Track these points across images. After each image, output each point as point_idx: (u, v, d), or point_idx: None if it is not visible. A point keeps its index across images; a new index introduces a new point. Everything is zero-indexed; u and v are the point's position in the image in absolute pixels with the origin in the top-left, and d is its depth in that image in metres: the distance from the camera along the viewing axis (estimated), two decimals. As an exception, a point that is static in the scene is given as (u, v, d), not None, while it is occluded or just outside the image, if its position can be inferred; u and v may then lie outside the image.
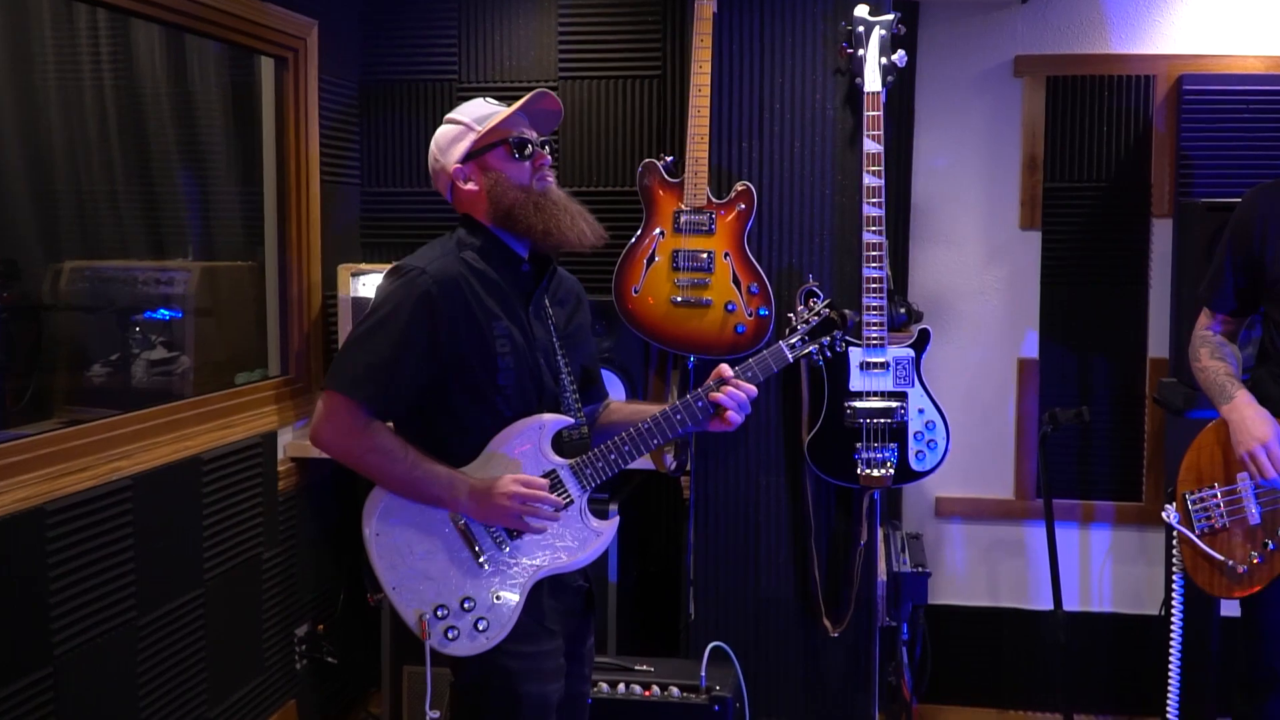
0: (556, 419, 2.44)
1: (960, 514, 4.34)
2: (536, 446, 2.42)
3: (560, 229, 2.42)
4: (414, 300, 2.32)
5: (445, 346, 2.33)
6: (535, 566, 2.40)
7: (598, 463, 2.45)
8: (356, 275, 3.85)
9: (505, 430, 2.40)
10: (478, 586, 2.37)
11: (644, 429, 2.47)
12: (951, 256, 4.27)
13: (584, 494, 2.44)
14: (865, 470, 3.53)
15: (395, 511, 2.37)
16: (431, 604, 2.35)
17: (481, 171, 2.44)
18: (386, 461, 2.34)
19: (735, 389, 2.48)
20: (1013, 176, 4.22)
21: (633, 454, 2.46)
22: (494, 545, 2.39)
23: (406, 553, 2.36)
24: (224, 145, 3.92)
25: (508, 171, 2.43)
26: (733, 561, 3.78)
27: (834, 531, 3.77)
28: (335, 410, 2.33)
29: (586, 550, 2.44)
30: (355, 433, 2.32)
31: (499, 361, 2.37)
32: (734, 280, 3.55)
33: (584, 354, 2.62)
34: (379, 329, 2.33)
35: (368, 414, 2.32)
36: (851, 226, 3.64)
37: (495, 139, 2.44)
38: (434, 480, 2.35)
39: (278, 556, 3.72)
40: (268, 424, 3.71)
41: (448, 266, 2.36)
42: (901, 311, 3.75)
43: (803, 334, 2.61)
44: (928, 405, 3.55)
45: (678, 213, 3.57)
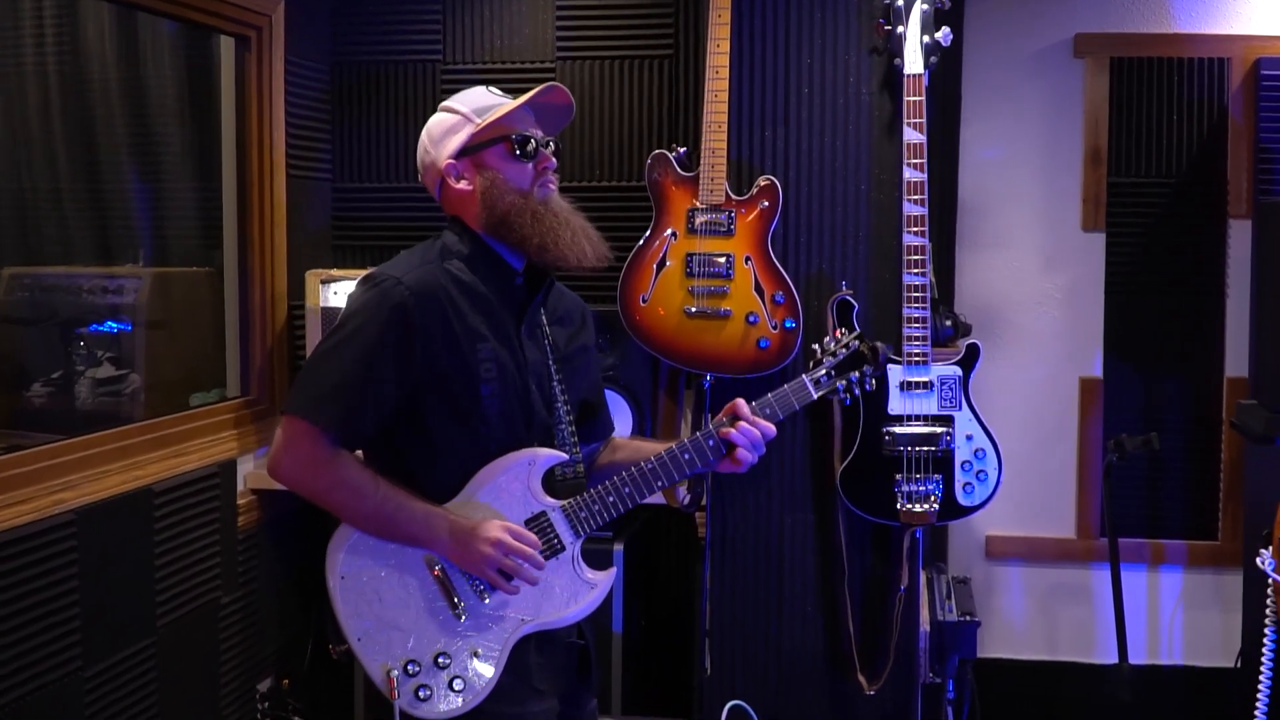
0: (549, 454, 2.45)
1: (1014, 555, 4.38)
2: (525, 485, 2.44)
3: (558, 245, 2.43)
4: (386, 313, 2.33)
5: (421, 366, 2.35)
6: (520, 621, 2.42)
7: (593, 506, 2.46)
8: (327, 283, 3.88)
9: (492, 465, 2.42)
10: (454, 641, 2.39)
11: (647, 469, 2.48)
12: (1004, 262, 4.32)
13: (577, 541, 2.46)
14: (906, 505, 3.58)
15: (364, 551, 2.39)
16: (401, 659, 2.36)
17: (476, 169, 2.46)
18: (353, 498, 2.36)
19: (750, 426, 2.49)
20: (1073, 171, 4.27)
21: (634, 497, 2.47)
22: (474, 595, 2.40)
23: (375, 599, 2.37)
24: (178, 136, 3.96)
25: (506, 172, 2.45)
26: (754, 609, 3.83)
27: (869, 575, 3.81)
28: (296, 438, 2.34)
29: (579, 604, 2.46)
30: (318, 464, 2.34)
31: (483, 387, 2.38)
32: (756, 288, 3.61)
33: (585, 382, 2.64)
34: (346, 345, 2.35)
35: (332, 442, 2.33)
36: (890, 227, 3.69)
37: (495, 134, 2.46)
38: (409, 518, 2.37)
39: (237, 601, 3.76)
40: (226, 451, 3.76)
41: (427, 277, 2.38)
42: (947, 324, 3.79)
43: (829, 367, 2.62)
44: (977, 431, 3.60)
45: (692, 211, 3.63)
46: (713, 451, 2.50)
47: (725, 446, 2.49)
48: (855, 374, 2.62)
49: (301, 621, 4.12)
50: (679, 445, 2.51)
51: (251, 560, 3.84)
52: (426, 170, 2.54)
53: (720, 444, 2.49)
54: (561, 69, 4.26)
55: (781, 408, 2.56)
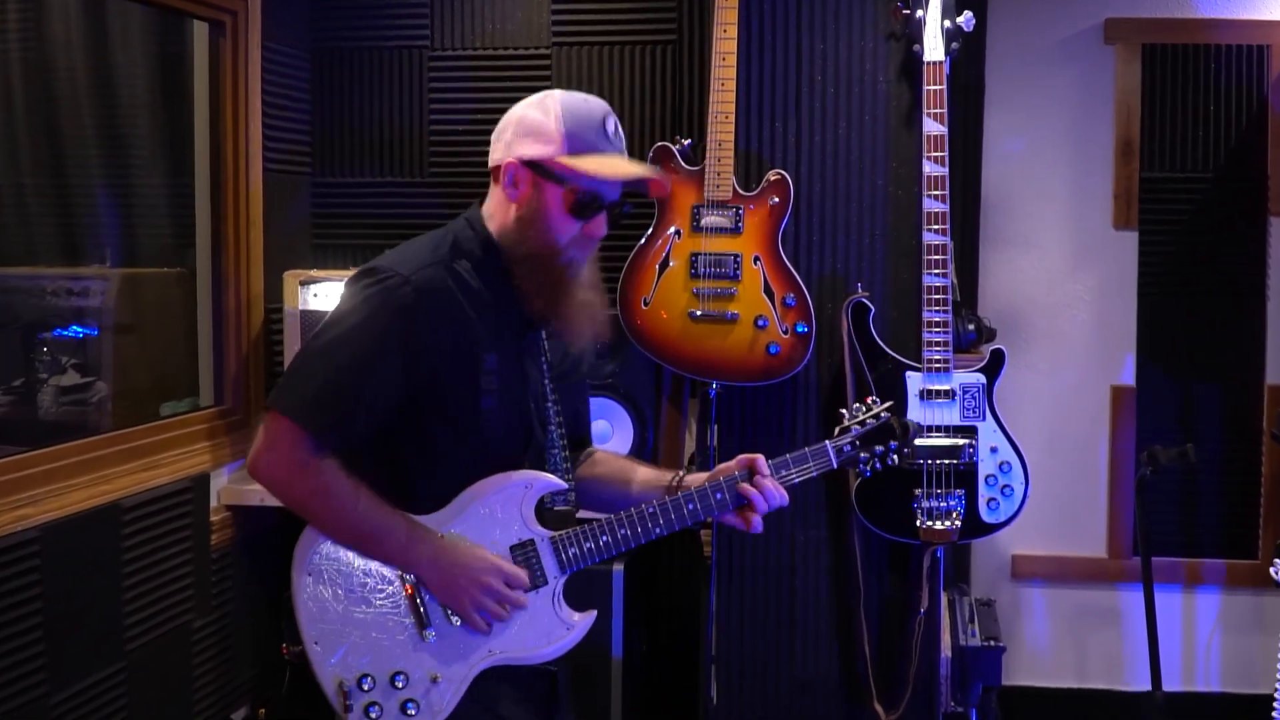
0: (547, 481, 2.47)
1: (1041, 575, 4.40)
2: (518, 509, 2.45)
3: (554, 316, 2.44)
4: (389, 316, 2.33)
5: (422, 373, 2.35)
6: (488, 652, 2.43)
7: (585, 543, 2.46)
8: (306, 284, 3.89)
9: (486, 481, 2.44)
10: (414, 661, 2.40)
11: (648, 513, 2.47)
12: (1030, 261, 4.34)
13: (561, 577, 2.47)
14: (926, 522, 3.60)
15: (337, 554, 2.41)
16: (356, 671, 2.38)
17: (534, 190, 2.41)
18: (332, 509, 2.37)
19: (774, 488, 2.50)
20: (1104, 165, 4.29)
21: (628, 541, 2.47)
22: (444, 618, 2.42)
23: (339, 605, 2.40)
24: (149, 128, 3.97)
25: (553, 215, 2.41)
26: (763, 633, 3.84)
27: (887, 597, 3.82)
28: (279, 437, 2.34)
29: (552, 644, 2.46)
30: (298, 468, 2.34)
31: (484, 400, 2.39)
32: (766, 290, 3.62)
33: (577, 394, 2.65)
34: (342, 344, 2.34)
35: (316, 447, 2.34)
36: (909, 224, 3.71)
37: (568, 176, 2.39)
38: (388, 536, 2.38)
39: (211, 625, 3.78)
40: (199, 464, 3.78)
41: (435, 277, 2.37)
42: (970, 328, 3.80)
43: (856, 437, 2.61)
44: (1002, 443, 3.62)
45: (697, 208, 3.64)
46: (719, 506, 2.51)
47: (735, 501, 2.50)
48: (881, 448, 2.62)
49: (279, 647, 4.13)
50: (685, 495, 2.50)
51: (225, 581, 3.86)
52: (495, 144, 2.48)
53: (729, 499, 2.50)
54: (557, 56, 4.28)
55: (798, 472, 2.56)
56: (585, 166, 2.37)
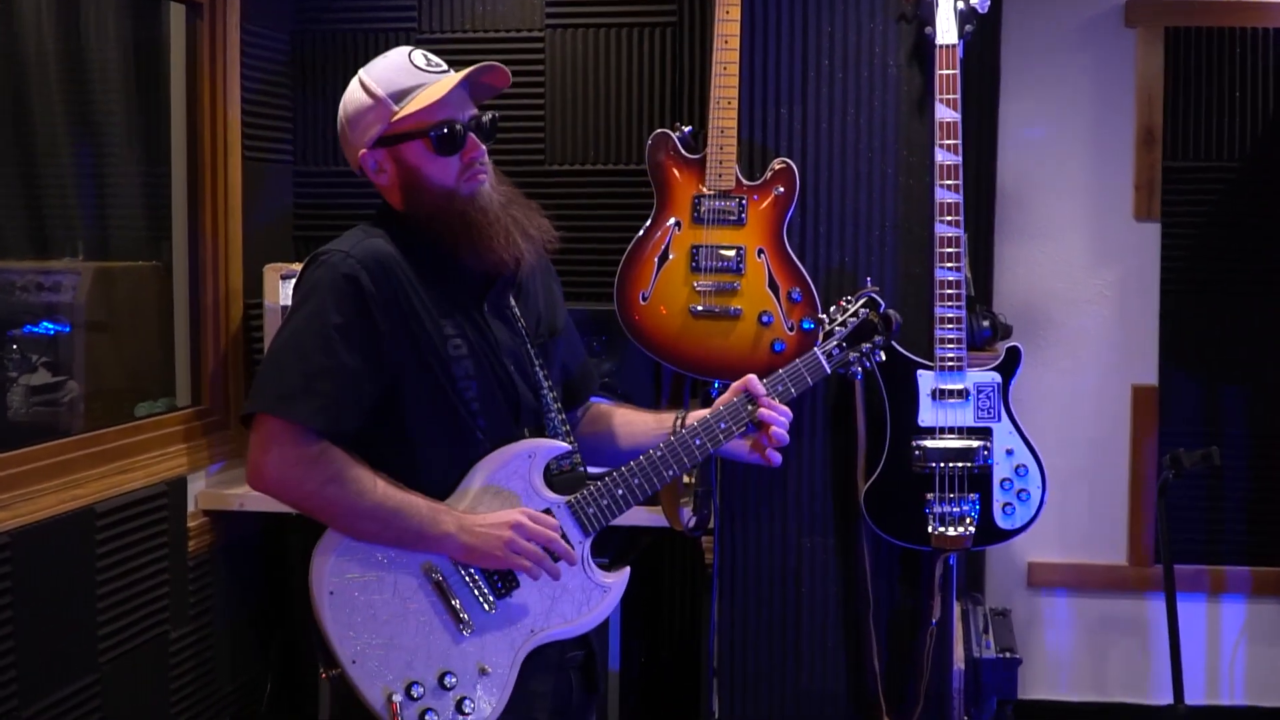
0: (550, 446, 2.51)
1: (1059, 584, 4.40)
2: (527, 480, 2.48)
3: (493, 249, 2.46)
4: (340, 286, 2.36)
5: (389, 341, 2.38)
6: (530, 631, 2.46)
7: (601, 500, 2.51)
8: (288, 278, 3.89)
9: (487, 459, 2.46)
10: (460, 656, 2.41)
11: (656, 457, 2.53)
12: (1048, 255, 4.35)
13: (586, 540, 2.50)
14: (938, 528, 3.60)
15: (353, 564, 2.41)
16: (403, 680, 2.38)
17: (395, 164, 2.48)
18: (351, 493, 2.36)
19: (776, 413, 2.58)
20: (1125, 153, 4.30)
21: (644, 489, 2.53)
22: (478, 605, 2.43)
23: (369, 616, 2.39)
24: (122, 115, 3.97)
25: (427, 170, 2.46)
26: (767, 645, 3.84)
27: (897, 607, 3.83)
28: (274, 437, 2.35)
29: (591, 611, 2.50)
30: (307, 461, 2.34)
31: (455, 368, 2.42)
32: (770, 284, 3.63)
33: (563, 350, 2.68)
34: (305, 328, 2.36)
35: (316, 436, 2.35)
36: (920, 216, 3.72)
37: (414, 127, 2.46)
38: (412, 511, 2.38)
39: (189, 635, 3.79)
40: (175, 468, 3.79)
41: (376, 249, 2.41)
42: (985, 325, 3.81)
43: (841, 338, 2.69)
44: (1018, 445, 3.62)
45: (698, 198, 3.65)
46: (725, 435, 2.58)
47: (741, 428, 2.58)
48: (867, 345, 2.72)
49: (259, 658, 4.14)
50: (688, 429, 2.57)
51: (204, 590, 3.87)
52: (345, 149, 2.56)
53: (734, 427, 2.58)
54: (551, 39, 4.29)
55: (794, 383, 2.66)
56: (415, 106, 2.45)
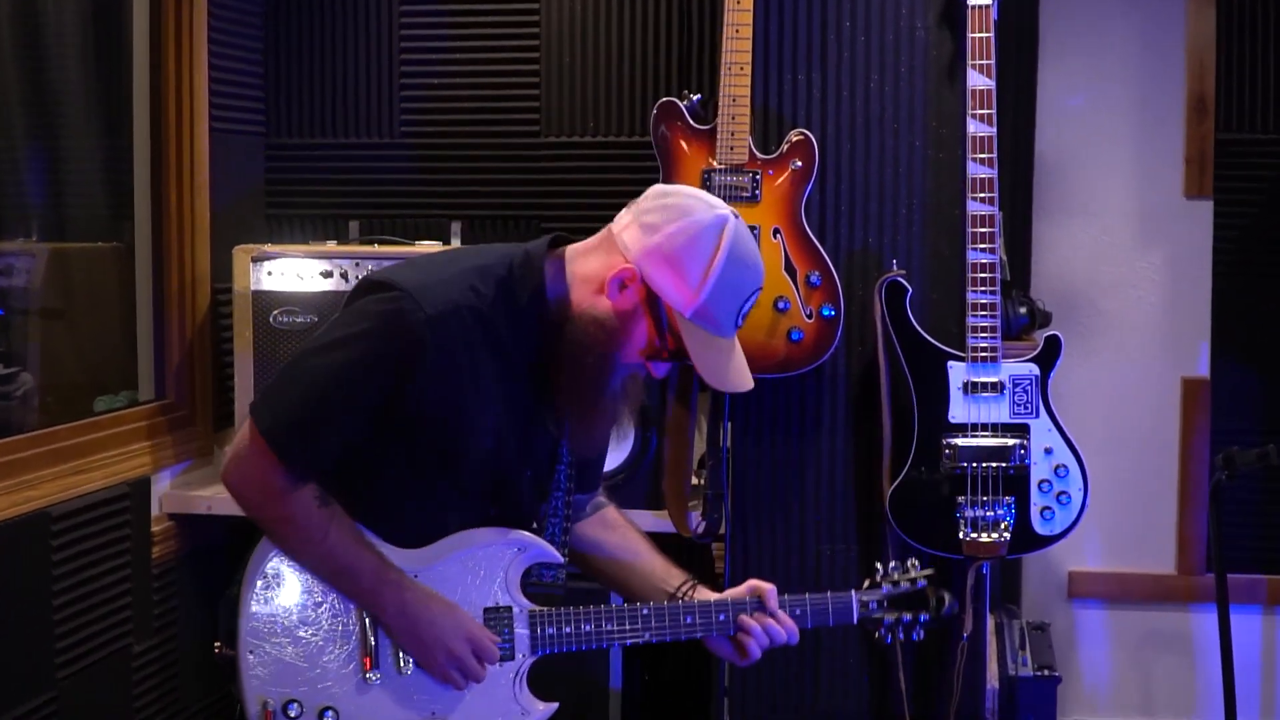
0: (542, 550, 2.58)
1: (1102, 595, 4.41)
2: (504, 570, 2.55)
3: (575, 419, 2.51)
4: (394, 344, 2.37)
5: (410, 407, 2.43)
6: (430, 713, 2.53)
7: (564, 627, 2.56)
8: (259, 260, 3.89)
9: (477, 532, 2.54)
10: (350, 702, 2.48)
11: (641, 614, 2.60)
12: (1090, 235, 4.35)
13: (530, 658, 2.56)
14: (970, 535, 3.60)
15: None
16: (282, 695, 2.47)
17: (634, 306, 2.43)
18: (296, 539, 2.49)
19: (777, 625, 2.65)
20: (1174, 124, 4.30)
21: (612, 637, 2.58)
22: (393, 664, 2.51)
23: (288, 618, 2.49)
24: (79, 82, 3.97)
25: (634, 339, 2.44)
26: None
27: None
28: (252, 456, 2.45)
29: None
30: (270, 492, 2.45)
31: (472, 457, 2.49)
32: (787, 267, 3.63)
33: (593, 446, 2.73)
34: (332, 367, 2.41)
35: (290, 479, 2.44)
36: (951, 192, 3.71)
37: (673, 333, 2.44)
38: (356, 576, 2.48)
39: (153, 650, 3.79)
40: (138, 467, 3.79)
41: (461, 321, 2.38)
42: (1022, 312, 3.82)
43: (885, 596, 2.74)
44: (1058, 443, 3.62)
45: (708, 173, 3.65)
46: (720, 627, 2.65)
47: (735, 628, 2.64)
48: (909, 616, 2.74)
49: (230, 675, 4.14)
50: (684, 606, 2.63)
51: (169, 600, 3.87)
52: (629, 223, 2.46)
53: (730, 624, 2.64)
54: (547, 2, 4.28)
55: (814, 616, 2.71)
56: (693, 343, 2.42)
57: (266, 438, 2.42)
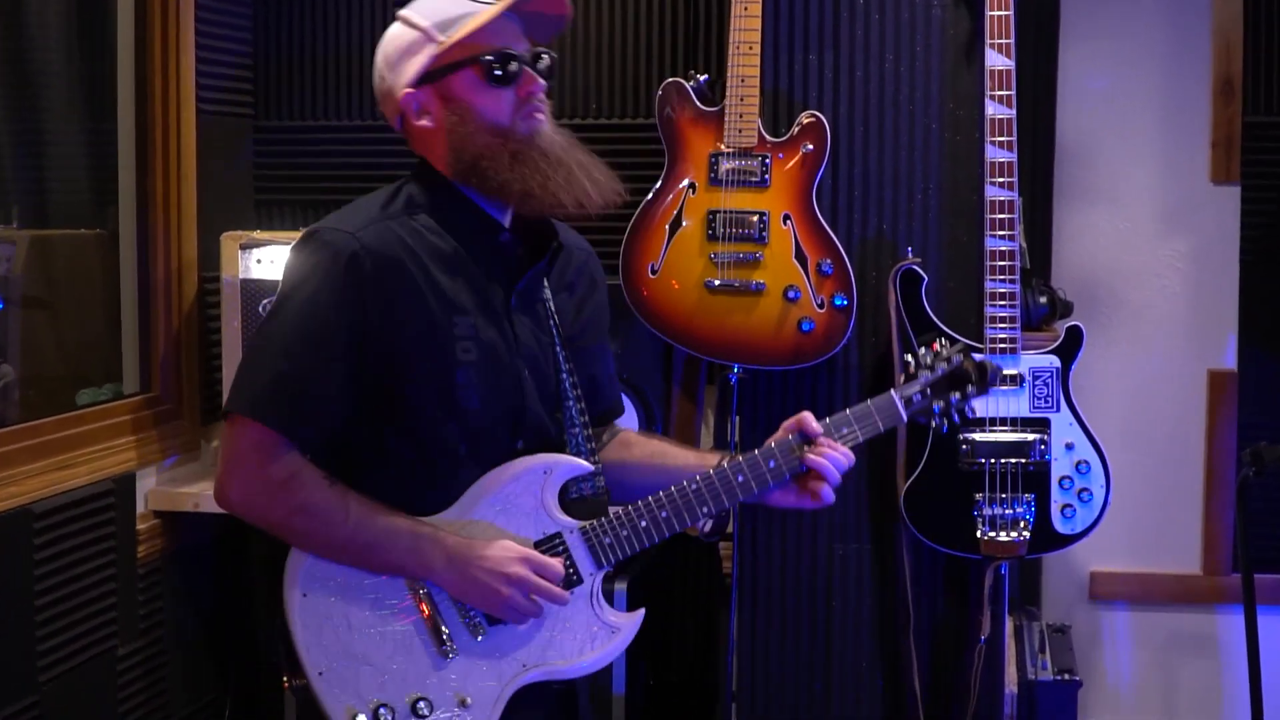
0: (569, 464, 2.51)
1: (1124, 596, 4.41)
2: (539, 498, 2.49)
3: (548, 189, 2.45)
4: (339, 274, 2.37)
5: (380, 342, 2.39)
6: (521, 667, 2.47)
7: (621, 531, 2.50)
8: (248, 248, 3.90)
9: (497, 472, 2.47)
10: (437, 684, 2.43)
11: (690, 490, 2.51)
12: (1113, 222, 4.34)
13: (598, 573, 2.50)
14: (988, 533, 3.61)
15: (332, 565, 2.44)
16: (371, 701, 2.41)
17: (442, 101, 2.48)
18: (320, 525, 2.40)
19: (835, 452, 2.52)
20: (1200, 106, 4.29)
21: (671, 524, 2.51)
22: (467, 630, 2.45)
23: (341, 625, 2.43)
24: (62, 64, 3.97)
25: (478, 104, 2.47)
26: (793, 667, 3.85)
27: (941, 623, 3.84)
28: (243, 449, 2.39)
29: (595, 652, 2.51)
30: (274, 485, 2.38)
31: (459, 373, 2.43)
32: (797, 255, 3.63)
33: (593, 359, 2.68)
34: (291, 323, 2.39)
35: (287, 449, 2.38)
36: (969, 177, 3.71)
37: (464, 55, 2.47)
38: (393, 543, 2.41)
39: (139, 653, 3.80)
40: (123, 463, 3.79)
41: (388, 232, 2.42)
42: (1042, 302, 3.82)
43: (925, 384, 2.64)
44: (1080, 438, 3.63)
45: (715, 156, 3.65)
46: (774, 475, 2.54)
47: (791, 469, 2.53)
48: (956, 395, 2.64)
49: (218, 677, 4.15)
50: (731, 465, 2.53)
51: (155, 600, 3.88)
52: (384, 100, 2.56)
53: (783, 469, 2.53)
54: (548, -24, 4.28)
55: (863, 428, 2.58)
56: (465, 31, 2.45)
57: (247, 413, 2.38)
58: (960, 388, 2.64)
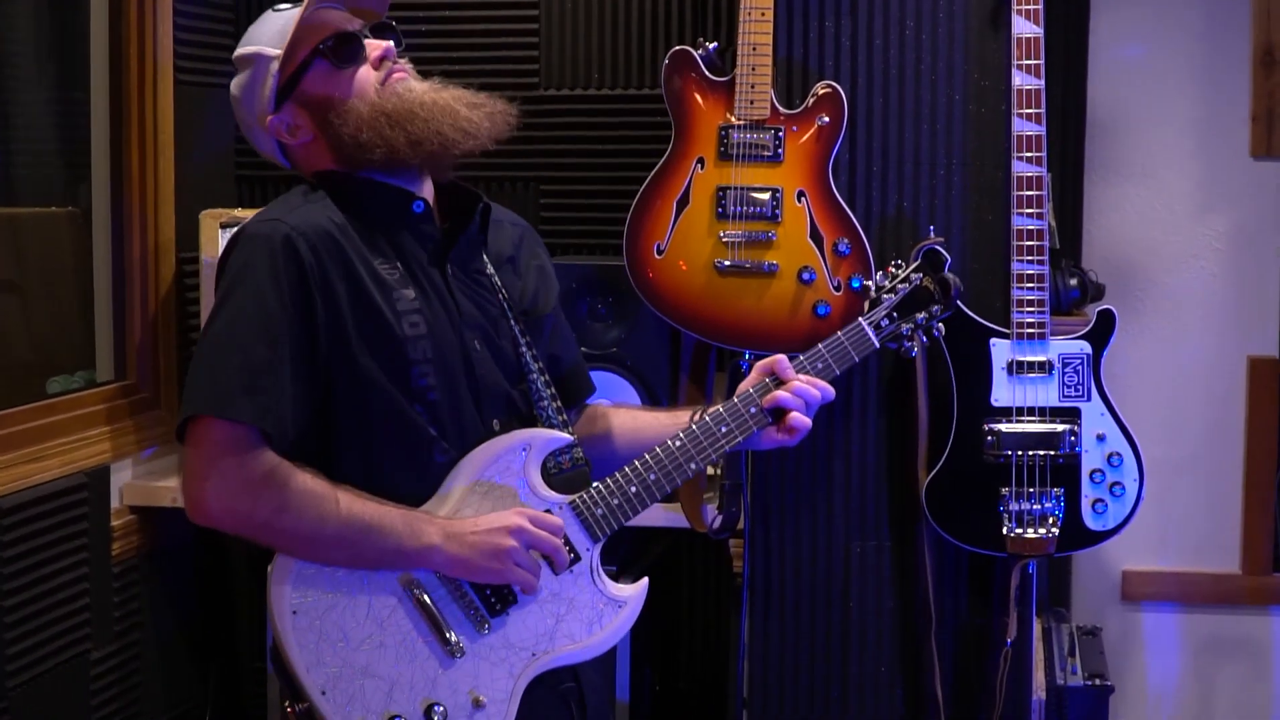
0: (548, 437, 2.55)
1: (1160, 597, 4.40)
2: (522, 476, 2.52)
3: (428, 129, 2.51)
4: (276, 257, 2.40)
5: (330, 323, 2.42)
6: (531, 655, 2.49)
7: (611, 500, 2.55)
8: (230, 226, 3.89)
9: (471, 457, 2.50)
10: (449, 685, 2.45)
11: (676, 448, 2.59)
12: (1147, 199, 4.34)
13: (595, 547, 2.55)
14: (1015, 530, 3.60)
15: (319, 577, 2.43)
16: (383, 714, 2.42)
17: (307, 110, 2.56)
18: (311, 519, 2.40)
19: (805, 385, 2.65)
20: (1240, 77, 4.29)
21: (661, 486, 2.58)
22: (471, 625, 2.47)
23: (340, 638, 2.42)
24: (30, 30, 3.97)
25: (339, 92, 2.54)
26: (809, 671, 3.84)
27: (964, 624, 3.83)
28: (210, 456, 2.38)
29: (604, 630, 2.54)
30: (253, 485, 2.37)
31: (409, 349, 2.46)
32: (813, 234, 3.61)
33: (557, 339, 2.74)
34: (240, 315, 2.40)
35: (260, 444, 2.38)
36: (994, 152, 3.70)
37: (305, 52, 2.54)
38: (387, 527, 2.42)
39: (113, 658, 3.79)
40: (96, 455, 3.78)
41: (315, 215, 2.47)
42: (1072, 284, 3.81)
43: (890, 307, 2.78)
44: (1112, 429, 3.61)
45: (725, 129, 3.63)
46: (755, 420, 2.66)
47: (772, 414, 2.65)
48: (923, 315, 2.83)
49: (197, 684, 4.15)
50: (712, 415, 2.64)
51: (131, 601, 3.87)
52: (257, 140, 2.65)
53: (764, 412, 2.65)
54: (548, -60, 4.28)
55: (837, 359, 2.74)
56: (298, 34, 2.52)
57: (213, 411, 2.37)
58: (925, 306, 2.83)
